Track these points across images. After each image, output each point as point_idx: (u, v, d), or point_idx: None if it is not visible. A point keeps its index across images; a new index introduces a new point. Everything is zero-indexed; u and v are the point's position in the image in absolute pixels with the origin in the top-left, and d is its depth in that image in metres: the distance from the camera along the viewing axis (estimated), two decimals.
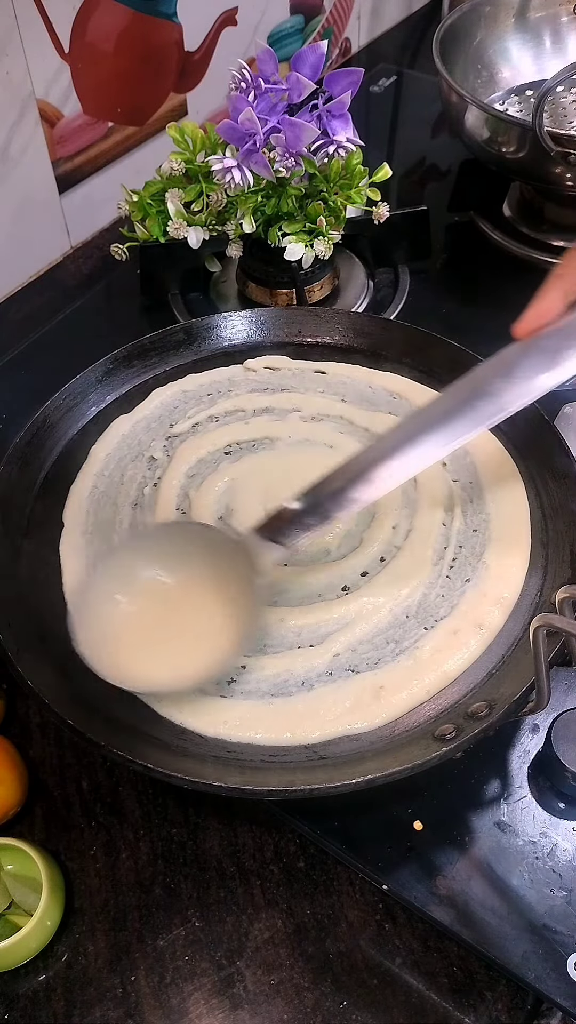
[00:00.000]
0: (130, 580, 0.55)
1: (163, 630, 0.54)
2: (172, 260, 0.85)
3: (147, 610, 0.55)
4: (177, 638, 0.54)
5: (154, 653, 0.53)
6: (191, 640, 0.54)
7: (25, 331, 0.89)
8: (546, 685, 0.48)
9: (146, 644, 0.54)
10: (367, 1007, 0.51)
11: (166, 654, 0.53)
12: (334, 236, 0.81)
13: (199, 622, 0.54)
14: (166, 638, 0.54)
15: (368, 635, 0.57)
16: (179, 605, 0.55)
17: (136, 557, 0.57)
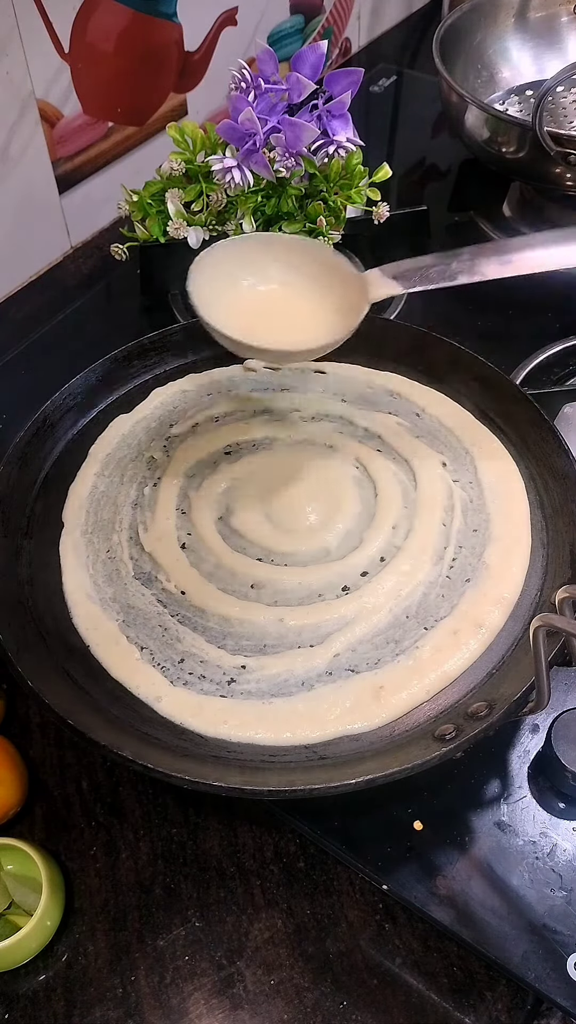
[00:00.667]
0: (256, 267, 0.61)
1: (280, 311, 0.60)
2: (172, 260, 0.85)
3: (268, 295, 0.61)
4: (291, 318, 0.60)
5: (272, 323, 0.59)
6: (303, 322, 0.60)
7: (25, 331, 0.89)
8: (546, 685, 0.48)
9: (265, 316, 0.60)
10: (367, 1007, 0.51)
11: (282, 327, 0.59)
12: (334, 236, 0.81)
13: (311, 313, 0.60)
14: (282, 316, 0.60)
15: (368, 635, 0.57)
16: (295, 298, 0.61)
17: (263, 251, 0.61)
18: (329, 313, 0.60)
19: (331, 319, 0.60)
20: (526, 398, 0.66)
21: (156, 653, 0.57)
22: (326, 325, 0.59)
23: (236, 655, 0.57)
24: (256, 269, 0.62)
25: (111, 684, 0.56)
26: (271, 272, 0.62)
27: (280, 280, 0.62)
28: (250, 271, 0.61)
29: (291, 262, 0.62)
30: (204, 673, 0.56)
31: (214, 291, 0.59)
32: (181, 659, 0.57)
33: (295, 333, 0.59)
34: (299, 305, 0.61)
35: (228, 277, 0.60)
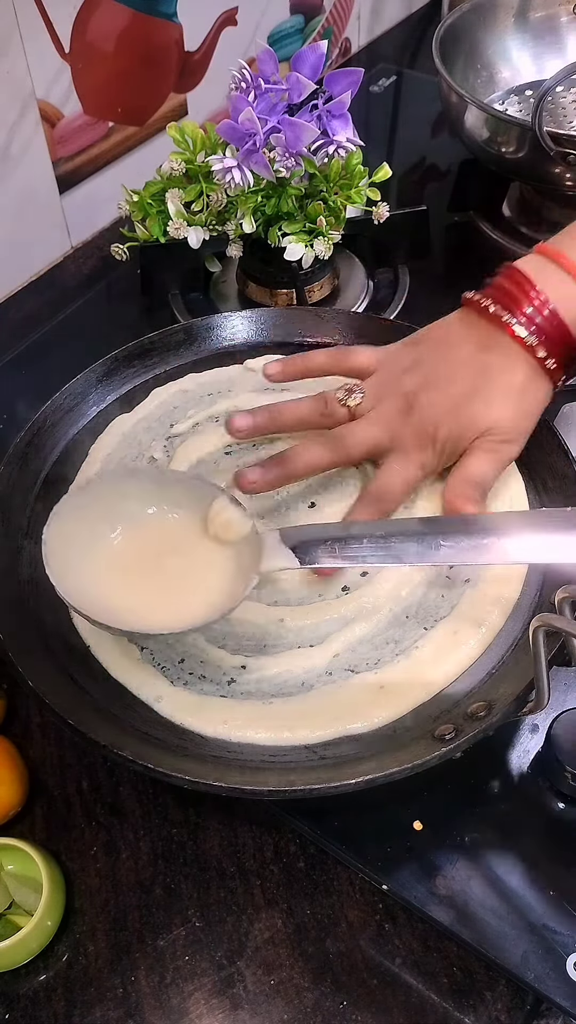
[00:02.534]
0: (119, 516, 0.56)
1: (156, 571, 0.54)
2: (172, 260, 0.85)
3: (140, 548, 0.55)
4: (172, 581, 0.54)
5: (147, 594, 0.53)
6: (186, 585, 0.54)
7: (25, 331, 0.89)
8: (546, 685, 0.48)
9: (137, 584, 0.54)
10: (367, 1007, 0.51)
11: (159, 596, 0.53)
12: (334, 236, 0.81)
13: (196, 571, 0.55)
14: (160, 579, 0.54)
15: (368, 635, 0.57)
16: (176, 548, 0.55)
17: (136, 491, 0.56)
18: (216, 576, 0.54)
19: (218, 585, 0.53)
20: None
21: (156, 653, 0.57)
22: (210, 593, 0.53)
23: (236, 655, 0.57)
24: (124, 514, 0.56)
25: (111, 684, 0.56)
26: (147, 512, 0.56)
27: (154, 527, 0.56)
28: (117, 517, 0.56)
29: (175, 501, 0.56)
30: (204, 673, 0.56)
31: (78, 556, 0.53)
32: (181, 659, 0.57)
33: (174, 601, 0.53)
34: (180, 565, 0.55)
35: (92, 533, 0.55)
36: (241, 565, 0.54)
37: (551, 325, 0.57)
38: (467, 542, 0.52)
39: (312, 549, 0.53)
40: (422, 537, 0.52)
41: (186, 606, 0.52)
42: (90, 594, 0.52)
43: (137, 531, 0.56)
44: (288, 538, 0.54)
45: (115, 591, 0.53)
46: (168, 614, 0.52)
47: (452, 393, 0.59)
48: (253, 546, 0.54)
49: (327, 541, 0.53)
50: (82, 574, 0.53)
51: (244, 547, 0.54)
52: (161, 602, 0.53)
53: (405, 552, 0.52)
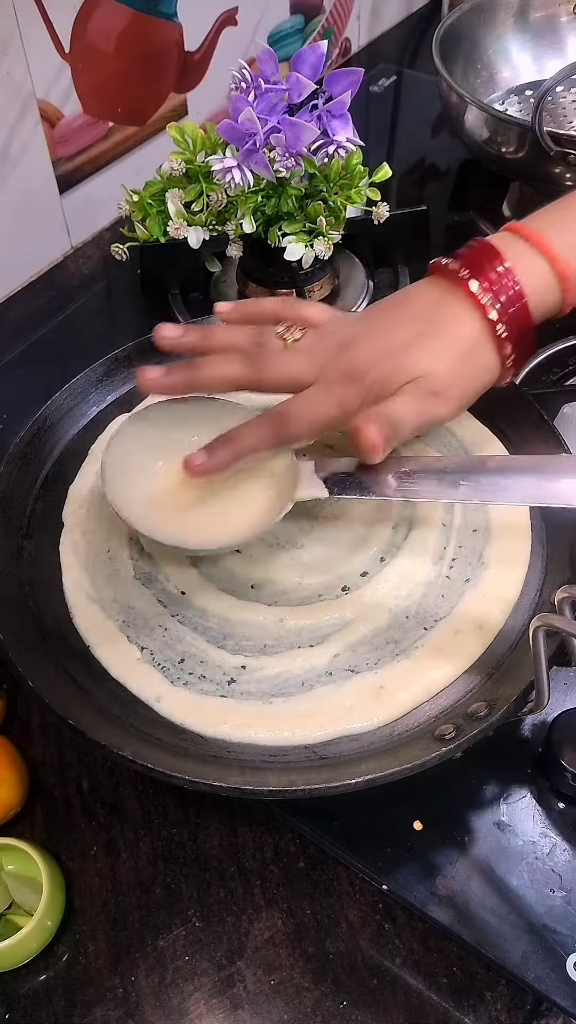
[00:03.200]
0: (170, 443, 0.60)
1: (203, 494, 0.59)
2: (172, 260, 0.85)
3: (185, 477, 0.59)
4: (216, 503, 0.59)
5: (194, 514, 0.58)
6: (229, 508, 0.58)
7: (25, 331, 0.89)
8: (546, 685, 0.48)
9: (185, 504, 0.58)
10: (367, 1007, 0.51)
11: (205, 517, 0.58)
12: (334, 236, 0.81)
13: (238, 495, 0.59)
14: (205, 502, 0.59)
15: (368, 635, 0.57)
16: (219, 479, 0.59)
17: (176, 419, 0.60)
18: (256, 500, 0.58)
19: (258, 506, 0.58)
20: (526, 398, 0.66)
21: (156, 653, 0.57)
22: (252, 512, 0.58)
23: (236, 655, 0.57)
24: (176, 442, 0.60)
25: (111, 684, 0.56)
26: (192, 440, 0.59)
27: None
28: (170, 445, 0.60)
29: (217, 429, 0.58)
30: (204, 673, 0.56)
31: (127, 475, 0.58)
32: (181, 659, 0.57)
33: (222, 518, 0.58)
34: (221, 486, 0.59)
35: (143, 457, 0.59)
36: (280, 490, 0.58)
37: (510, 298, 0.54)
38: (485, 480, 0.55)
39: (342, 481, 0.57)
40: (443, 475, 0.56)
41: (228, 526, 0.57)
42: (141, 514, 0.57)
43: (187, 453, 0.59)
44: (321, 469, 0.58)
45: (164, 511, 0.58)
46: (212, 532, 0.57)
47: (392, 340, 0.56)
48: (290, 474, 0.58)
49: (357, 475, 0.57)
50: (135, 494, 0.58)
51: (282, 475, 0.58)
52: (206, 522, 0.58)
53: (427, 488, 0.56)
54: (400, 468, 0.57)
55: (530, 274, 0.55)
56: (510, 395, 0.67)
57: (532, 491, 0.56)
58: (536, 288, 0.55)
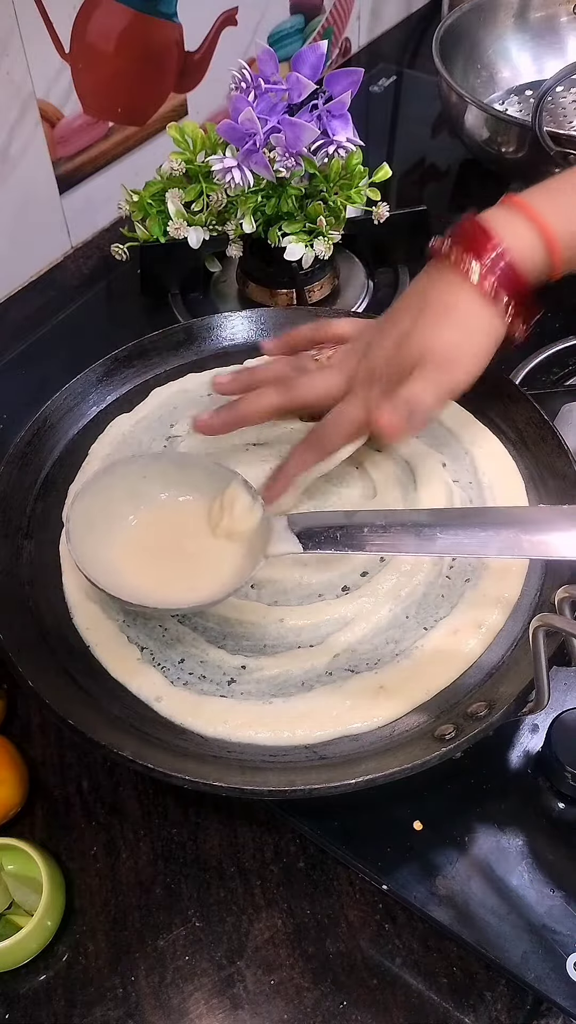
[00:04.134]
0: (140, 497, 0.59)
1: (171, 552, 0.58)
2: (172, 260, 0.85)
3: (155, 530, 0.59)
4: (185, 562, 0.57)
5: (163, 574, 0.57)
6: (198, 566, 0.57)
7: (25, 331, 0.89)
8: (546, 685, 0.48)
9: (152, 563, 0.57)
10: (367, 1007, 0.51)
11: (174, 577, 0.56)
12: (334, 236, 0.81)
13: (208, 553, 0.57)
14: (174, 560, 0.58)
15: (368, 635, 0.57)
16: (191, 531, 0.58)
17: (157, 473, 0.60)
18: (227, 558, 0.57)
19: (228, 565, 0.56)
20: (526, 398, 0.66)
21: (156, 653, 0.57)
22: (222, 572, 0.56)
23: (236, 655, 0.57)
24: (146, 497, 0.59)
25: (111, 684, 0.56)
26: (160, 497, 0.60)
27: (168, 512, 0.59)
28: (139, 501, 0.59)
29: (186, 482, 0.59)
30: (204, 673, 0.56)
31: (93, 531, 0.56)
32: (181, 659, 0.57)
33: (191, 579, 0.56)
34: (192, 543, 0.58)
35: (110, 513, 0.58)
36: (251, 547, 0.57)
37: (494, 259, 0.56)
38: (464, 535, 0.54)
39: (316, 536, 0.56)
40: (420, 529, 0.54)
41: (197, 585, 0.55)
42: (107, 570, 0.55)
43: (155, 513, 0.59)
44: (295, 524, 0.56)
45: (131, 569, 0.56)
46: (180, 592, 0.55)
47: (396, 331, 0.59)
48: (263, 529, 0.57)
49: (331, 528, 0.56)
50: (100, 552, 0.56)
51: (253, 533, 0.57)
52: (174, 581, 0.56)
53: (404, 543, 0.54)
54: (375, 522, 0.56)
55: (513, 236, 0.56)
56: (510, 395, 0.67)
57: (512, 543, 0.53)
58: (521, 248, 0.56)
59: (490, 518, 0.56)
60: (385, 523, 0.55)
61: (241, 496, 0.57)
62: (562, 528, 0.53)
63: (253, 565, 0.55)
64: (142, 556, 0.57)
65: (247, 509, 0.57)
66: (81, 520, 0.56)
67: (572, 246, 0.57)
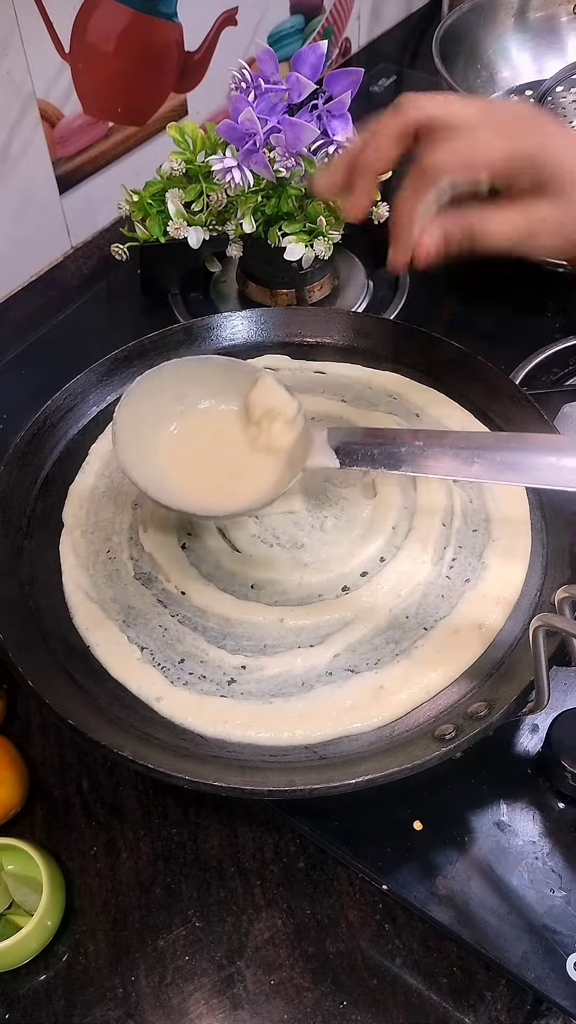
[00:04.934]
0: (183, 406, 0.59)
1: (213, 459, 0.58)
2: (172, 260, 0.85)
3: (198, 438, 0.59)
4: (226, 470, 0.58)
5: (204, 481, 0.57)
6: (238, 475, 0.57)
7: (25, 331, 0.89)
8: (546, 685, 0.48)
9: (195, 470, 0.57)
10: (367, 1007, 0.51)
11: (215, 484, 0.57)
12: (334, 236, 0.81)
13: (248, 462, 0.58)
14: (215, 468, 0.58)
15: (368, 635, 0.57)
16: (233, 440, 0.58)
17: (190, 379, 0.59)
18: (268, 466, 0.57)
19: (268, 474, 0.57)
20: (526, 398, 0.66)
21: (156, 653, 0.57)
22: (262, 480, 0.57)
23: (236, 655, 0.57)
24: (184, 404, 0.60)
25: (111, 684, 0.56)
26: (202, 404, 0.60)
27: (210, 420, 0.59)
28: (177, 407, 0.59)
29: (226, 390, 0.59)
30: (204, 673, 0.56)
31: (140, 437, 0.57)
32: (181, 659, 0.57)
33: (230, 486, 0.57)
34: (232, 451, 0.59)
35: (154, 421, 0.59)
36: (291, 457, 0.57)
37: None
38: (501, 458, 0.53)
39: (354, 452, 0.55)
40: (458, 451, 0.54)
41: (237, 493, 0.56)
42: (150, 475, 0.56)
43: (198, 421, 0.59)
44: (333, 438, 0.56)
45: (174, 475, 0.57)
46: (220, 499, 0.56)
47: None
48: (302, 442, 0.57)
49: (368, 445, 0.55)
50: (145, 456, 0.57)
51: (294, 444, 0.57)
52: (214, 489, 0.57)
53: (441, 464, 0.54)
54: (414, 441, 0.55)
55: None
56: (510, 395, 0.67)
57: (549, 473, 0.53)
58: None
59: (529, 444, 0.55)
60: (423, 443, 0.55)
61: (282, 410, 0.57)
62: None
63: (292, 476, 0.56)
64: (184, 463, 0.58)
65: (286, 425, 0.57)
66: (127, 423, 0.56)
67: None
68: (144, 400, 0.58)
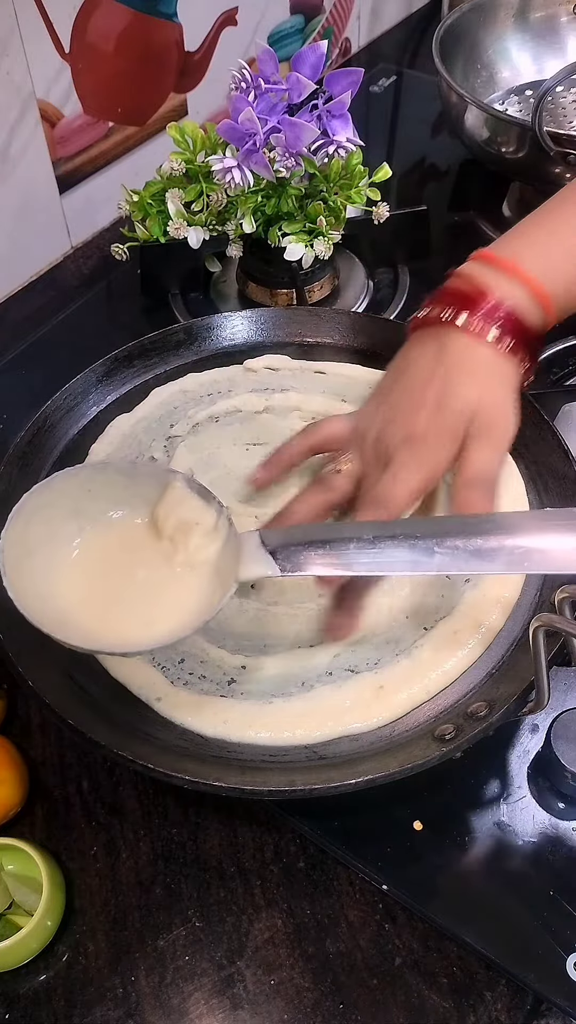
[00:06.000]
0: (84, 517, 0.52)
1: (124, 581, 0.50)
2: (172, 260, 0.85)
3: (105, 557, 0.50)
4: (140, 593, 0.50)
5: (115, 609, 0.49)
6: (156, 597, 0.50)
7: (25, 331, 0.89)
8: (546, 685, 0.48)
9: (102, 595, 0.50)
10: (367, 1007, 0.51)
11: (128, 611, 0.49)
12: (334, 236, 0.81)
13: (167, 579, 0.50)
14: (129, 592, 0.50)
15: (368, 635, 0.57)
16: (146, 555, 0.51)
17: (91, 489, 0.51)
18: (189, 585, 0.49)
19: (191, 595, 0.49)
20: (526, 397, 0.66)
21: (156, 653, 0.57)
22: (185, 603, 0.49)
23: (236, 655, 0.57)
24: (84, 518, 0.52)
25: (111, 684, 0.56)
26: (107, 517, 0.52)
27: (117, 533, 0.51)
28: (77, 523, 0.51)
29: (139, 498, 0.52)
30: (204, 673, 0.56)
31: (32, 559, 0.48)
32: (181, 659, 0.57)
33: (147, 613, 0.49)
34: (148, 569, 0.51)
35: (51, 542, 0.51)
36: (218, 569, 0.50)
37: (502, 318, 0.56)
38: (464, 547, 0.48)
39: (296, 554, 0.48)
40: (415, 542, 0.48)
41: (156, 620, 0.49)
42: (50, 607, 0.48)
43: (104, 535, 0.52)
44: (269, 540, 0.49)
45: (78, 604, 0.49)
46: (136, 630, 0.48)
47: (423, 398, 0.56)
48: (230, 551, 0.50)
49: (311, 544, 0.49)
50: (43, 583, 0.49)
51: (220, 555, 0.50)
52: (129, 617, 0.49)
53: (396, 559, 0.48)
54: (362, 535, 0.49)
55: (508, 291, 0.57)
56: None
57: (520, 557, 0.48)
58: (519, 300, 0.57)
59: (494, 526, 0.49)
60: (374, 536, 0.49)
61: (198, 519, 0.50)
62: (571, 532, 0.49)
63: (223, 591, 0.48)
64: (90, 592, 0.50)
65: (205, 537, 0.50)
66: (16, 547, 0.47)
67: (562, 295, 0.58)
68: (34, 518, 0.49)
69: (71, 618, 0.48)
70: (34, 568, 0.49)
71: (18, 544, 0.48)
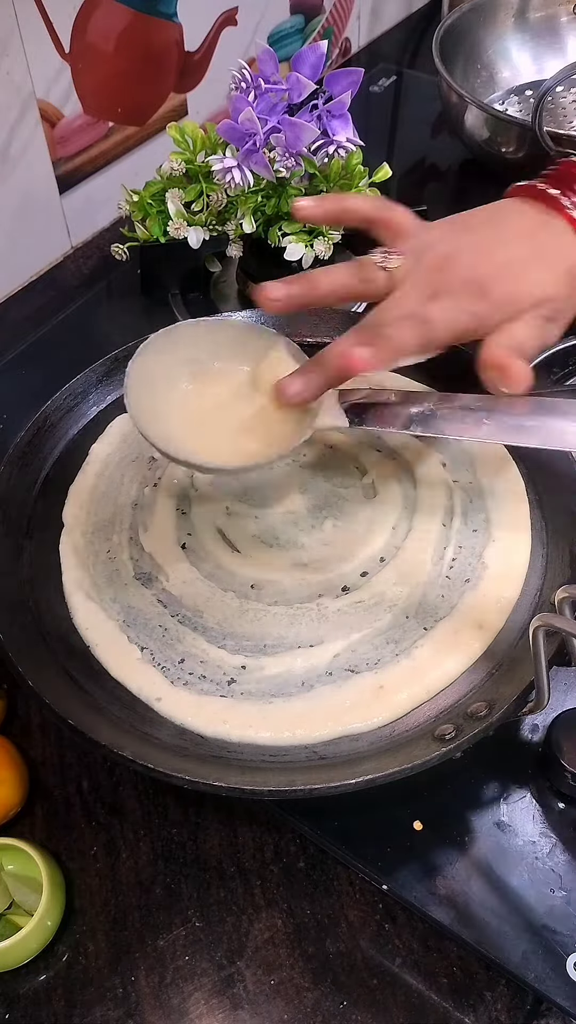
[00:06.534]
0: (194, 365, 0.59)
1: (223, 416, 0.58)
2: (172, 260, 0.85)
3: (209, 396, 0.59)
4: (236, 426, 0.58)
5: (212, 436, 0.57)
6: (247, 431, 0.58)
7: (25, 331, 0.89)
8: (546, 685, 0.48)
9: (204, 425, 0.58)
10: (367, 1007, 0.51)
11: (226, 439, 0.57)
12: (334, 236, 0.81)
13: (259, 418, 0.58)
14: (225, 424, 0.58)
15: (368, 635, 0.57)
16: (240, 399, 0.59)
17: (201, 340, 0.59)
18: (278, 423, 0.57)
19: (277, 431, 0.57)
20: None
21: (156, 653, 0.57)
22: (271, 436, 0.57)
23: (236, 655, 0.57)
24: (198, 363, 0.60)
25: (111, 684, 0.56)
26: (215, 365, 0.60)
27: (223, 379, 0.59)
28: (190, 366, 0.59)
29: (241, 353, 0.59)
30: (204, 673, 0.56)
31: (152, 393, 0.57)
32: (181, 659, 0.57)
33: (240, 441, 0.57)
34: (243, 409, 0.59)
35: (167, 377, 0.59)
36: (301, 417, 0.57)
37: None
38: (509, 422, 0.54)
39: (363, 411, 0.56)
40: (467, 412, 0.55)
41: (246, 448, 0.57)
42: (160, 426, 0.56)
43: (210, 378, 0.59)
44: (344, 398, 0.57)
45: (184, 431, 0.57)
46: (228, 454, 0.56)
47: (508, 255, 0.55)
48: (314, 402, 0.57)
49: (378, 406, 0.56)
50: (157, 408, 0.57)
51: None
52: (225, 445, 0.57)
53: (449, 426, 0.55)
54: (424, 402, 0.56)
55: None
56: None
57: (558, 435, 0.54)
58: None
59: (537, 406, 0.55)
60: (433, 404, 0.56)
61: (282, 363, 0.58)
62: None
63: (301, 435, 0.56)
64: (195, 419, 0.58)
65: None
66: (140, 377, 0.57)
67: None
68: (156, 358, 0.58)
69: (175, 436, 0.56)
70: (153, 395, 0.57)
71: (142, 375, 0.57)
